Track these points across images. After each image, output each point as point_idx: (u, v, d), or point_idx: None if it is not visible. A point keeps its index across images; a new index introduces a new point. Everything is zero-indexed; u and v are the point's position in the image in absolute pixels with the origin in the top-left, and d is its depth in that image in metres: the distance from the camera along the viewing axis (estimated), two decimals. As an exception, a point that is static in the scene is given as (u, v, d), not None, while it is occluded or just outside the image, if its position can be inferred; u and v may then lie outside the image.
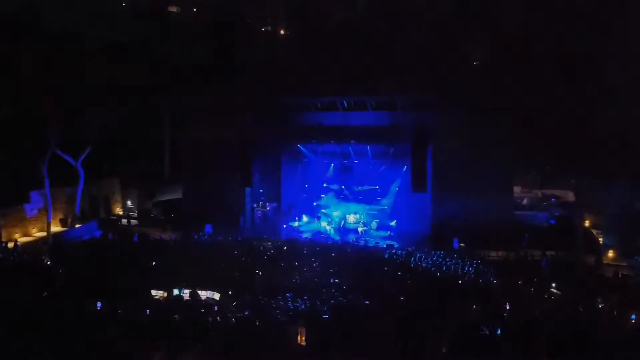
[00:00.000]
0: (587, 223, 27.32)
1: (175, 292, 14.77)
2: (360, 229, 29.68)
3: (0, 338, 5.04)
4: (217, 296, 14.90)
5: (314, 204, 33.13)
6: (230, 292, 15.23)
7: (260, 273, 17.14)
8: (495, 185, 26.94)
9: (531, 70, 24.65)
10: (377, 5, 41.54)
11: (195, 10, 53.79)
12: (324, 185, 33.42)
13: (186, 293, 14.55)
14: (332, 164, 33.23)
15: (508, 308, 13.52)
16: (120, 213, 34.36)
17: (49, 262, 19.16)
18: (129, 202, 34.78)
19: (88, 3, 30.32)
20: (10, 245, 23.07)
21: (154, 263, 19.28)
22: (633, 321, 13.29)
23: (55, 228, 28.67)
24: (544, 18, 28.38)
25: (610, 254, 24.06)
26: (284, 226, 29.89)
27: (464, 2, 33.21)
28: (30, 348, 4.58)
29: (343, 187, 33.05)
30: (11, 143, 25.18)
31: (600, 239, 25.70)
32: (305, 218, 31.37)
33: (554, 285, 17.24)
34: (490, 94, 26.15)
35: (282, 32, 55.36)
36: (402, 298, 15.09)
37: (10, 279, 14.16)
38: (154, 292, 14.65)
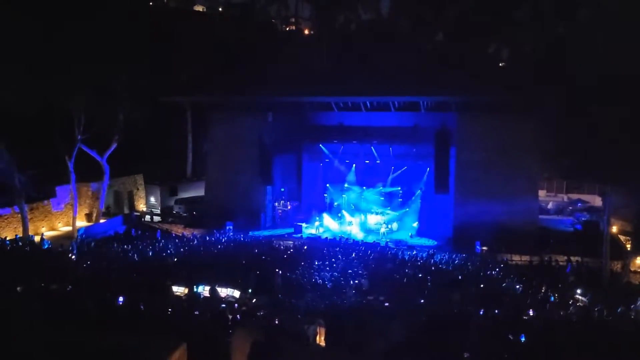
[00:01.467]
0: (614, 228, 26.66)
1: (196, 288, 14.86)
2: (381, 230, 29.48)
3: (24, 331, 5.13)
4: (236, 294, 14.94)
5: (335, 204, 33.01)
6: (249, 290, 15.27)
7: (280, 272, 17.15)
8: (519, 188, 26.50)
9: (557, 73, 24.15)
10: (402, 6, 41.29)
11: (219, 9, 54.35)
12: (345, 185, 33.26)
13: (206, 290, 14.62)
14: (354, 165, 33.06)
15: (531, 314, 13.25)
16: (144, 209, 34.88)
17: (73, 257, 19.49)
18: (152, 199, 35.28)
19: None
20: (37, 239, 23.60)
21: (175, 259, 19.50)
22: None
23: (81, 223, 29.26)
24: (570, 18, 27.84)
25: (638, 260, 23.45)
26: (303, 225, 29.78)
27: (489, 3, 32.78)
28: (52, 341, 4.65)
29: (364, 187, 32.84)
30: (38, 138, 25.72)
31: (628, 245, 25.06)
32: (326, 218, 31.29)
33: (578, 291, 16.87)
34: (515, 95, 25.71)
35: (306, 31, 55.51)
36: (422, 300, 14.93)
37: (35, 272, 14.42)
38: (175, 289, 14.76)
